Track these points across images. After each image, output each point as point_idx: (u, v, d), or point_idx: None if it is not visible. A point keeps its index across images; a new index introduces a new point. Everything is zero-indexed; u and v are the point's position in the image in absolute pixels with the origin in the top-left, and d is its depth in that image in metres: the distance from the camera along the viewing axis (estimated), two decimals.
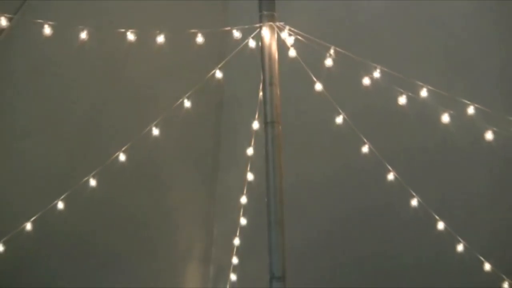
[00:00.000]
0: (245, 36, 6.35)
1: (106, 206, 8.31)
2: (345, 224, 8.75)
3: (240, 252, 9.00)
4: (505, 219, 8.05)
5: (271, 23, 5.91)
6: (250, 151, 7.60)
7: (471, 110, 6.64)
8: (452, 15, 7.18)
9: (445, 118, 6.73)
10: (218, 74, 6.82)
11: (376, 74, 6.64)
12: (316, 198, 8.50)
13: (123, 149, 7.17)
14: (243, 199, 8.27)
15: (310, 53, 6.42)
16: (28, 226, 7.57)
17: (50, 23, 6.15)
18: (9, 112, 7.48)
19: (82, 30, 6.32)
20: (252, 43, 6.30)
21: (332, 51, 6.41)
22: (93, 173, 7.38)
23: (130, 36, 6.48)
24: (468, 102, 6.59)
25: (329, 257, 9.09)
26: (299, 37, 6.25)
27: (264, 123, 5.77)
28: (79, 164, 7.74)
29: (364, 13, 7.11)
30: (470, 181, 7.97)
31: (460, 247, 7.96)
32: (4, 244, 7.67)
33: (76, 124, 7.77)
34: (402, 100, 6.69)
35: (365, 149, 7.28)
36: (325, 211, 8.69)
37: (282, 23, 6.03)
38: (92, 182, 7.38)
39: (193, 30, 6.57)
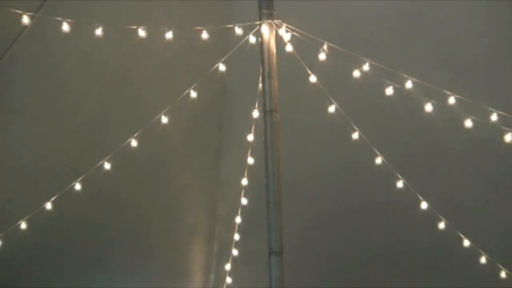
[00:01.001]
0: (246, 33, 6.36)
1: (120, 189, 8.34)
2: (337, 204, 8.80)
3: (241, 229, 9.03)
4: (484, 201, 8.05)
5: (269, 20, 5.92)
6: (250, 137, 7.61)
7: (451, 100, 6.68)
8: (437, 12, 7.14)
9: (429, 107, 6.77)
10: (221, 67, 6.84)
11: (366, 67, 6.67)
12: (311, 180, 8.53)
13: (134, 135, 7.20)
14: (244, 181, 8.28)
15: (306, 48, 6.43)
16: (49, 205, 7.63)
17: (69, 20, 6.18)
18: (30, 101, 7.48)
19: (97, 27, 6.36)
20: (252, 39, 6.30)
21: (325, 47, 6.43)
22: (107, 158, 7.41)
23: (141, 33, 6.50)
24: (449, 93, 6.63)
25: (323, 233, 9.13)
26: (295, 34, 6.26)
27: (264, 112, 5.78)
28: (94, 149, 7.75)
29: (357, 12, 7.09)
30: (451, 166, 7.98)
31: (441, 225, 8.03)
32: (27, 221, 7.74)
33: (91, 112, 7.78)
34: (389, 91, 6.73)
35: (355, 135, 7.31)
36: (319, 191, 8.72)
37: (279, 21, 6.04)
38: (107, 166, 7.43)
39: (198, 27, 6.59)
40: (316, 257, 9.20)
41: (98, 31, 6.35)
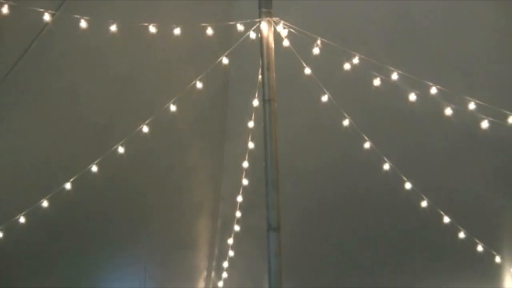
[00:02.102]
0: (247, 29, 6.38)
1: (133, 171, 8.37)
2: (330, 182, 8.85)
3: (242, 207, 9.06)
4: (459, 176, 8.08)
5: (268, 18, 5.92)
6: (251, 124, 7.65)
7: (433, 90, 6.71)
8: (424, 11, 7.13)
9: (412, 97, 6.81)
10: (225, 60, 6.87)
11: (356, 60, 6.71)
12: (306, 162, 8.55)
13: (146, 122, 7.24)
14: (245, 164, 8.31)
15: (301, 43, 6.46)
16: (68, 185, 7.67)
17: (86, 18, 6.21)
18: (52, 89, 7.49)
19: (112, 24, 6.39)
20: (252, 35, 6.32)
21: (318, 42, 6.46)
22: (121, 142, 7.45)
23: (152, 29, 6.54)
24: (431, 84, 6.66)
25: (317, 210, 9.17)
26: (292, 30, 6.28)
27: (263, 101, 5.79)
28: (109, 134, 7.77)
29: (349, 11, 7.10)
30: (432, 148, 8.00)
31: (424, 203, 8.07)
32: (48, 200, 7.78)
33: (108, 100, 7.80)
34: (376, 82, 6.77)
35: (345, 122, 7.35)
36: (313, 172, 8.76)
37: (277, 19, 6.06)
38: (121, 150, 7.47)
39: (204, 24, 6.62)
40: (311, 231, 9.23)
41: (113, 28, 6.40)
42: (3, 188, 8.05)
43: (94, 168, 7.52)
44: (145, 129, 7.29)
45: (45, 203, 7.80)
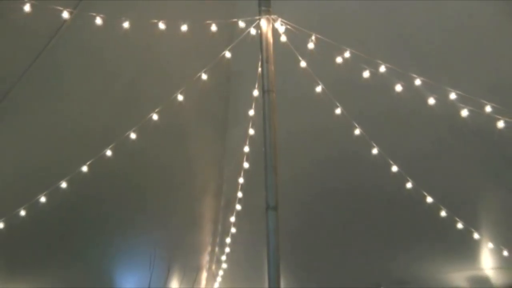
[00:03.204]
0: (247, 26, 6.42)
1: (143, 154, 8.36)
2: (323, 165, 8.86)
3: (243, 188, 9.09)
4: (441, 161, 8.10)
5: (267, 16, 5.96)
6: (251, 112, 7.67)
7: (418, 82, 6.74)
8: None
9: (398, 87, 6.84)
10: (227, 54, 6.88)
11: (347, 54, 6.74)
12: (302, 148, 8.57)
13: (156, 110, 7.26)
14: (246, 149, 8.32)
15: (297, 39, 6.48)
16: (85, 168, 7.70)
17: (102, 16, 6.24)
18: (70, 82, 7.51)
19: (125, 21, 6.42)
20: (253, 31, 6.36)
21: (313, 38, 6.48)
22: (133, 128, 7.48)
23: (161, 26, 6.55)
24: (416, 76, 6.68)
25: (312, 191, 9.20)
26: (288, 27, 6.31)
27: (262, 91, 5.83)
28: (122, 121, 7.76)
29: (342, 9, 7.10)
30: (418, 136, 8.02)
31: (409, 185, 8.11)
32: (67, 182, 7.82)
33: (122, 91, 7.81)
34: (366, 74, 6.80)
35: (338, 111, 7.37)
36: (308, 157, 8.78)
37: (276, 16, 6.08)
38: (132, 136, 7.50)
39: (208, 21, 6.65)
40: (307, 210, 9.27)
41: (126, 24, 6.43)
42: (29, 172, 8.07)
43: (109, 153, 7.57)
44: (155, 117, 7.32)
45: (63, 185, 7.86)
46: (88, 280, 10.30)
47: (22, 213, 8.11)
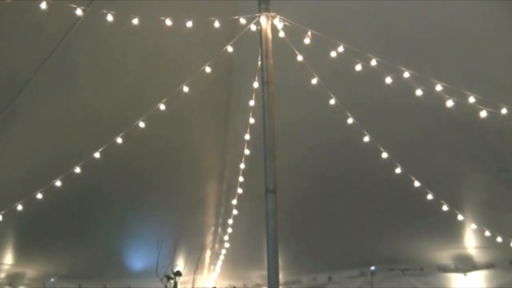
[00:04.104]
0: (248, 23, 6.46)
1: (151, 142, 8.39)
2: (318, 151, 8.87)
3: (244, 173, 9.12)
4: (427, 147, 8.11)
5: (267, 13, 5.99)
6: (251, 103, 7.72)
7: (406, 74, 6.77)
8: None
9: (388, 79, 6.87)
10: (230, 49, 6.93)
11: (340, 49, 6.77)
12: (299, 135, 8.55)
13: (163, 101, 7.30)
14: (247, 136, 8.37)
15: (294, 34, 6.51)
16: (97, 154, 7.74)
17: (112, 13, 6.27)
18: (84, 75, 7.52)
19: (134, 18, 6.45)
20: (253, 28, 6.39)
21: (309, 33, 6.51)
22: (142, 118, 7.51)
23: (168, 22, 6.59)
24: (404, 69, 6.71)
25: (308, 175, 9.23)
26: (286, 24, 6.34)
27: (262, 83, 5.87)
28: (131, 111, 7.77)
29: (336, 8, 7.09)
30: (406, 124, 8.03)
31: (398, 170, 8.14)
32: (81, 167, 7.86)
33: (132, 83, 7.82)
34: (358, 67, 6.84)
35: (332, 101, 7.41)
36: (305, 144, 8.77)
37: (274, 13, 6.10)
38: (141, 124, 7.53)
39: (211, 18, 6.68)
40: (303, 193, 9.30)
41: (135, 21, 6.47)
42: (45, 158, 8.12)
43: (119, 140, 7.60)
44: (162, 107, 7.36)
45: (77, 170, 7.90)
46: (100, 259, 10.36)
47: (39, 196, 8.15)
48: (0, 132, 7.35)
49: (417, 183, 8.25)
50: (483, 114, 6.81)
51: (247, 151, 8.64)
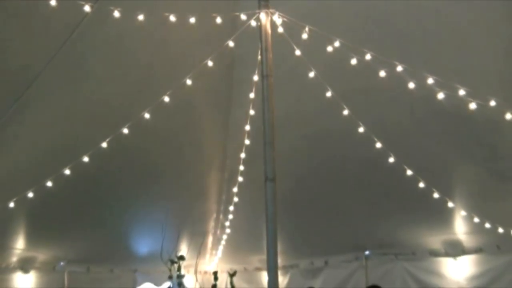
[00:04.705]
0: (248, 18, 6.47)
1: (156, 133, 8.41)
2: (316, 141, 8.86)
3: (245, 162, 9.17)
4: (419, 137, 8.13)
5: (266, 10, 5.99)
6: (252, 95, 7.75)
7: (399, 68, 6.78)
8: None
9: (382, 73, 6.89)
10: (231, 43, 6.95)
11: (337, 44, 6.78)
12: (296, 126, 8.57)
13: (167, 93, 7.32)
14: (247, 127, 8.41)
15: (292, 30, 6.53)
16: (104, 144, 7.76)
17: (119, 9, 6.29)
18: (92, 67, 7.51)
19: (140, 14, 6.47)
20: (253, 23, 6.41)
21: (306, 29, 6.53)
22: (147, 109, 7.53)
23: (172, 18, 6.60)
24: (397, 63, 6.73)
25: (306, 165, 9.25)
26: (285, 19, 6.36)
27: (261, 76, 5.87)
28: (137, 103, 7.81)
29: (330, 4, 7.09)
30: (399, 116, 8.02)
31: (391, 159, 8.18)
32: (89, 157, 7.88)
33: (138, 74, 7.80)
34: (353, 61, 6.85)
35: (328, 94, 7.43)
36: (302, 133, 8.77)
37: (273, 10, 6.11)
38: (147, 115, 7.56)
39: (214, 14, 6.70)
40: (301, 181, 9.34)
41: (141, 17, 6.48)
42: (55, 148, 8.13)
43: (125, 131, 7.63)
44: (166, 99, 7.39)
45: (85, 159, 7.94)
46: (107, 244, 10.43)
47: (49, 184, 8.19)
48: (13, 122, 7.35)
49: (409, 172, 8.28)
50: (473, 106, 6.83)
51: (247, 141, 8.68)
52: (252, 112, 8.04)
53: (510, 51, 6.79)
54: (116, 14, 6.38)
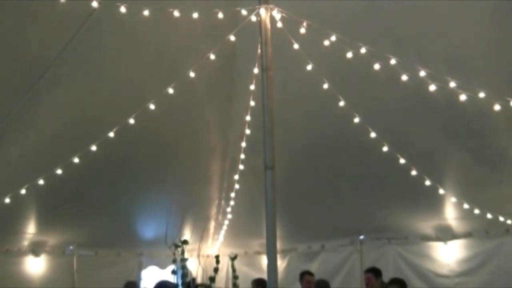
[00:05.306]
0: (249, 14, 6.49)
1: (161, 122, 8.42)
2: (313, 132, 8.90)
3: (245, 151, 9.21)
4: (412, 127, 8.14)
5: (266, 5, 5.97)
6: (252, 87, 7.78)
7: (393, 61, 6.80)
8: None
9: (376, 66, 6.91)
10: (232, 37, 6.97)
11: (333, 38, 6.80)
12: (295, 116, 8.58)
13: (172, 85, 7.34)
14: (248, 117, 8.44)
15: (291, 25, 6.53)
16: (111, 134, 7.78)
17: (125, 4, 6.30)
18: (103, 57, 7.51)
19: (145, 9, 6.48)
20: (253, 18, 6.42)
21: (304, 24, 6.54)
22: (151, 101, 7.56)
23: (176, 13, 6.61)
24: (390, 56, 6.74)
25: (304, 154, 9.28)
26: (284, 15, 6.36)
27: (261, 69, 5.84)
28: (143, 93, 7.83)
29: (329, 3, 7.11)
30: (393, 106, 8.04)
31: (385, 148, 8.20)
32: (97, 146, 7.90)
33: (144, 67, 7.82)
34: (349, 55, 6.87)
35: (325, 85, 7.45)
36: (301, 124, 8.81)
37: (273, 5, 6.11)
38: (152, 106, 7.58)
39: (216, 10, 6.71)
40: (299, 169, 9.36)
41: (146, 12, 6.49)
42: (66, 137, 8.16)
43: (132, 121, 7.65)
44: (171, 91, 7.41)
45: (93, 148, 7.97)
46: (115, 229, 10.47)
47: (59, 172, 8.23)
48: (24, 114, 7.37)
49: (402, 160, 8.31)
50: (463, 97, 6.85)
51: (247, 131, 8.72)
52: (252, 103, 8.06)
53: (498, 45, 6.80)
54: (123, 9, 6.40)
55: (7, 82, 6.98)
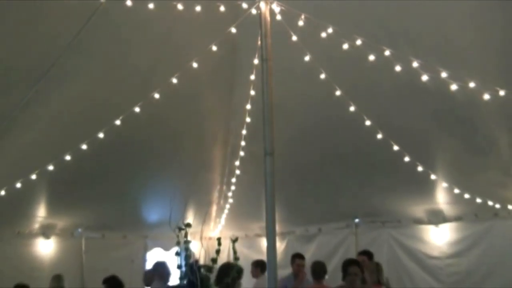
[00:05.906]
0: (249, 7, 6.53)
1: (166, 111, 8.43)
2: (311, 119, 8.87)
3: (246, 138, 9.25)
4: (405, 116, 8.16)
5: None
6: (252, 77, 7.81)
7: (387, 53, 6.81)
8: None
9: (371, 57, 6.92)
10: (233, 30, 7.00)
11: (330, 30, 6.82)
12: (293, 104, 8.56)
13: (175, 75, 7.37)
14: (248, 106, 8.47)
15: (289, 17, 6.55)
16: (118, 122, 7.83)
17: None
18: (108, 49, 7.51)
19: (150, 3, 6.49)
20: (254, 11, 6.46)
21: (303, 17, 6.56)
22: (156, 90, 7.60)
23: (180, 7, 6.63)
24: (385, 48, 6.75)
25: (302, 142, 9.28)
26: (282, 8, 6.39)
27: (261, 60, 5.91)
28: (149, 83, 7.86)
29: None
30: (386, 96, 8.00)
31: (379, 135, 8.22)
32: (105, 133, 7.94)
33: (147, 59, 7.82)
34: (345, 46, 6.89)
35: (322, 76, 7.47)
36: (298, 111, 8.79)
37: None
38: (156, 95, 7.61)
39: (218, 3, 6.72)
40: (297, 155, 9.38)
41: (151, 5, 6.51)
42: (72, 123, 8.18)
43: (137, 109, 7.69)
44: (175, 80, 7.44)
45: (101, 135, 8.00)
46: (121, 213, 10.52)
47: (67, 158, 8.27)
48: (34, 103, 7.39)
49: (396, 147, 8.34)
50: (454, 87, 6.88)
51: (248, 119, 8.76)
52: (252, 92, 8.08)
53: (488, 37, 6.79)
54: (128, 3, 6.42)
55: (20, 72, 6.99)
